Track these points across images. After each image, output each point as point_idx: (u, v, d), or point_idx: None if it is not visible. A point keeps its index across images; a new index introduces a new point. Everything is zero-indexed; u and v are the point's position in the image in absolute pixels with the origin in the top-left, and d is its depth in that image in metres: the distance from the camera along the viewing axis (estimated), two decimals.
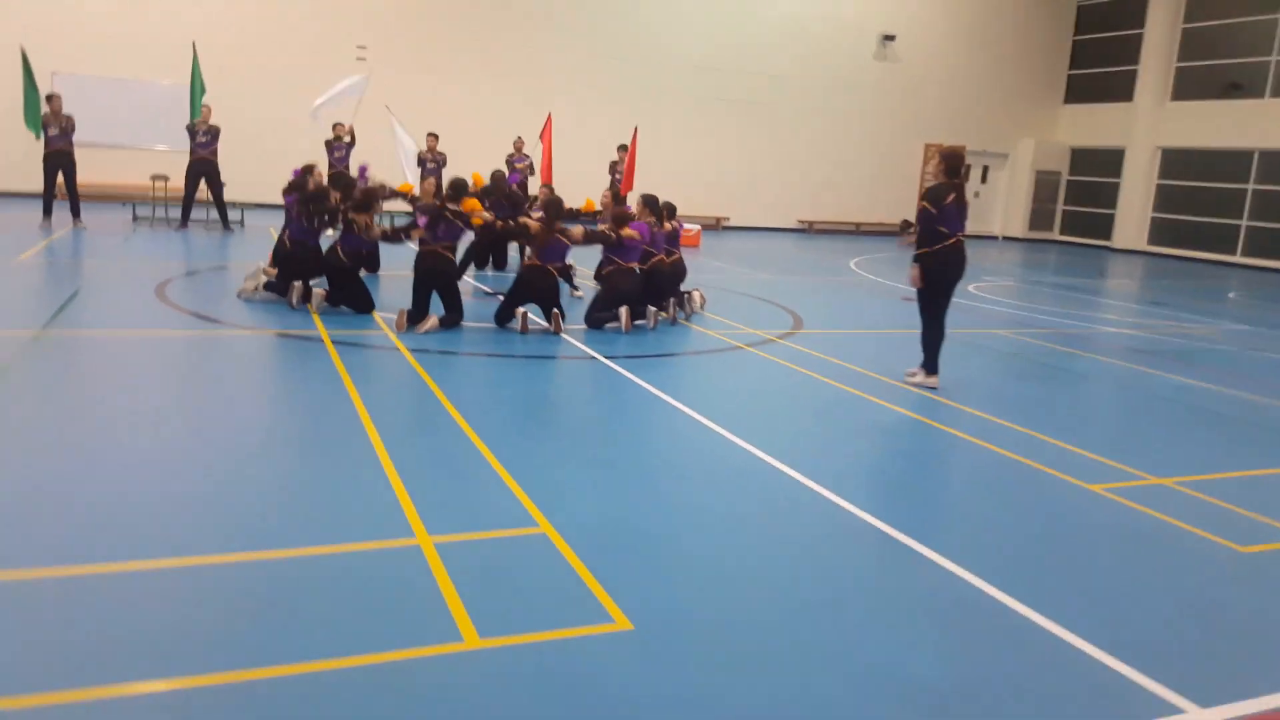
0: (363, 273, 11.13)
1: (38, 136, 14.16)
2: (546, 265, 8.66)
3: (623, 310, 8.76)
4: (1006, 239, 28.35)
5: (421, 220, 8.72)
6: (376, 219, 9.32)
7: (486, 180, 11.31)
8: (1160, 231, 26.03)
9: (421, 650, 3.21)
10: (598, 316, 8.95)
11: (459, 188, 8.71)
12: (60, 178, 14.16)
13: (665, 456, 5.56)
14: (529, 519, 4.40)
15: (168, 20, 18.66)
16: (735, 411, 6.52)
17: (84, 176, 14.99)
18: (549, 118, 16.76)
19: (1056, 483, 5.39)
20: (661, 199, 9.88)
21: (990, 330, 10.71)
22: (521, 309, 8.53)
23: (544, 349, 8.10)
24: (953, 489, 5.43)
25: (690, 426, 6.07)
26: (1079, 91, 28.35)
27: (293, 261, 9.23)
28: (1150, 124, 25.80)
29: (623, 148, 17.23)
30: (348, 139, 15.47)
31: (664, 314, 9.24)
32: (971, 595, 3.90)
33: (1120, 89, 26.85)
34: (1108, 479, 5.48)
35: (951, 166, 7.33)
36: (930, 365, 7.59)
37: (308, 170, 10.07)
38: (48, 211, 14.25)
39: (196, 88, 15.04)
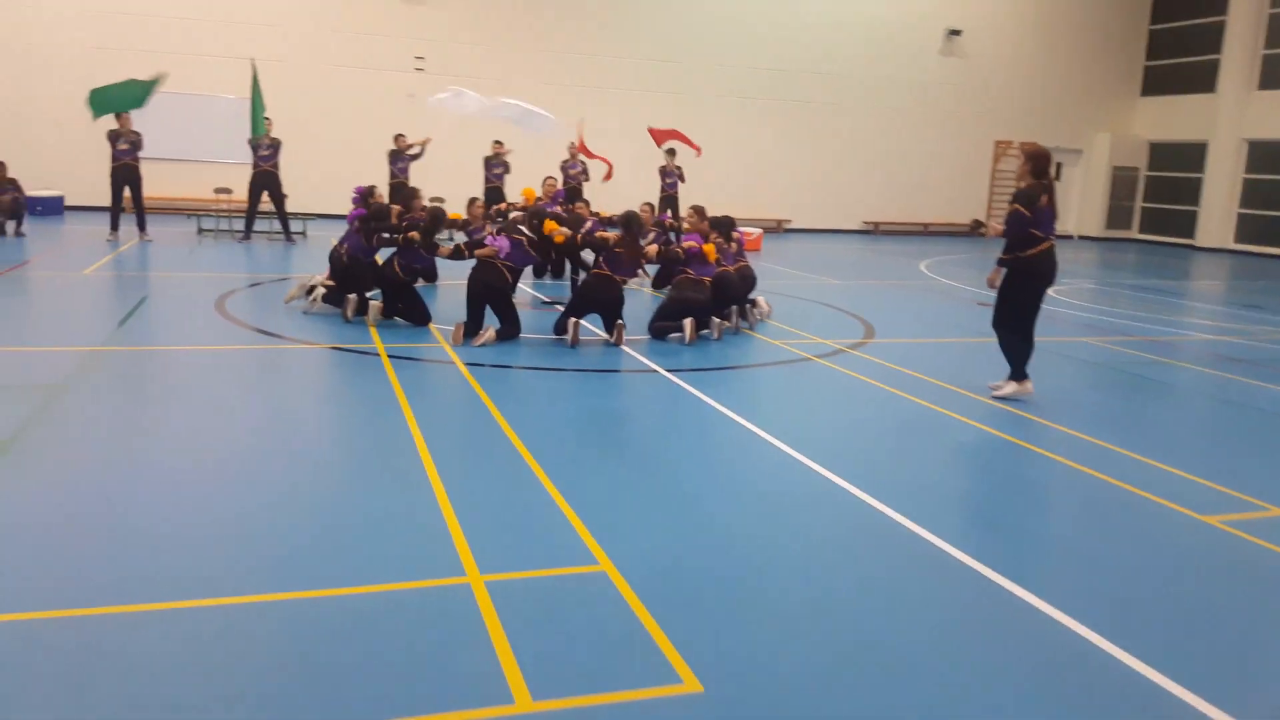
0: (420, 283, 11.01)
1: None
2: (614, 276, 8.37)
3: (687, 322, 8.41)
4: (1082, 238, 27.34)
5: (499, 242, 8.43)
6: (446, 237, 9.18)
7: (538, 192, 11.12)
8: (1248, 228, 24.82)
9: (469, 713, 2.89)
10: (660, 326, 8.62)
11: (538, 215, 8.63)
12: (127, 191, 14.29)
13: (735, 483, 5.19)
14: (588, 555, 4.07)
15: (231, 36, 18.86)
16: (808, 431, 6.13)
17: (150, 190, 15.16)
18: (580, 127, 16.01)
19: (1168, 515, 4.89)
20: (720, 204, 9.56)
21: (1073, 338, 10.12)
22: (576, 319, 8.23)
23: (604, 362, 7.80)
24: (1053, 522, 4.96)
25: (761, 448, 5.69)
26: (1157, 83, 27.20)
27: (349, 275, 9.08)
28: (1235, 115, 24.62)
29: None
30: (505, 158, 15.46)
31: (727, 323, 8.86)
32: (1092, 655, 3.45)
33: (1201, 79, 25.68)
34: (1224, 509, 4.97)
35: (1039, 166, 6.86)
36: (1018, 373, 7.10)
37: (370, 192, 9.89)
38: (115, 225, 14.43)
39: (257, 104, 15.06)
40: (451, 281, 11.66)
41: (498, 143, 15.78)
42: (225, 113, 18.54)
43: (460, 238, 9.41)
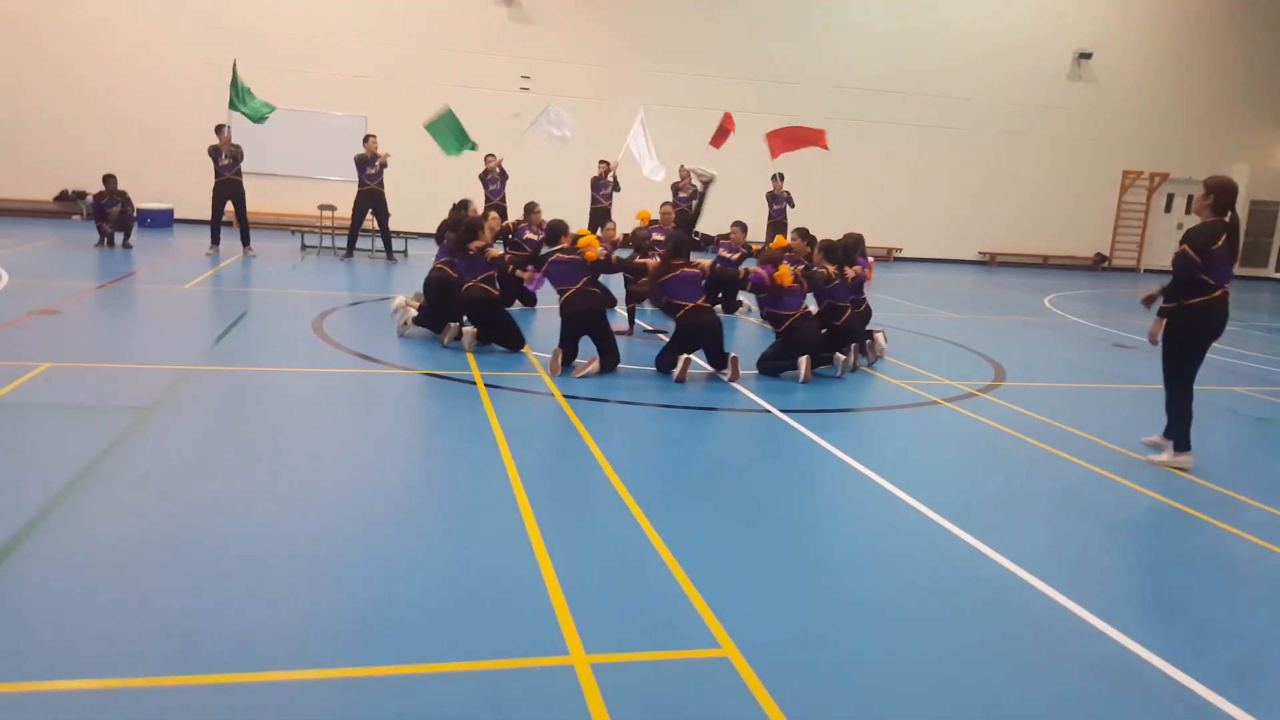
0: (518, 306, 10.62)
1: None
2: (699, 304, 7.82)
3: (803, 360, 7.77)
4: None
5: (533, 281, 8.26)
6: (493, 244, 8.78)
7: (654, 214, 10.56)
8: None
9: None
10: (774, 364, 8.00)
11: (557, 229, 8.17)
12: (230, 206, 14.37)
13: (871, 552, 4.54)
14: (708, 636, 3.49)
15: (336, 53, 19.04)
16: (950, 491, 5.42)
17: (254, 205, 15.26)
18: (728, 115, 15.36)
19: None
20: (825, 229, 8.89)
21: (1228, 387, 9.11)
22: (686, 356, 7.66)
23: (712, 398, 7.21)
24: (1258, 621, 4.16)
25: (898, 510, 5.02)
26: None
27: (444, 299, 8.73)
28: None
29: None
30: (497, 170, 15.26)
31: (847, 358, 8.17)
32: None
33: None
34: None
35: (1222, 201, 6.06)
36: (1181, 442, 6.23)
37: (462, 206, 9.61)
38: (216, 239, 14.49)
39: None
40: (550, 306, 11.26)
41: (604, 162, 15.49)
42: (333, 129, 18.74)
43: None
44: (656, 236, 10.98)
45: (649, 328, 10.16)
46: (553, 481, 5.28)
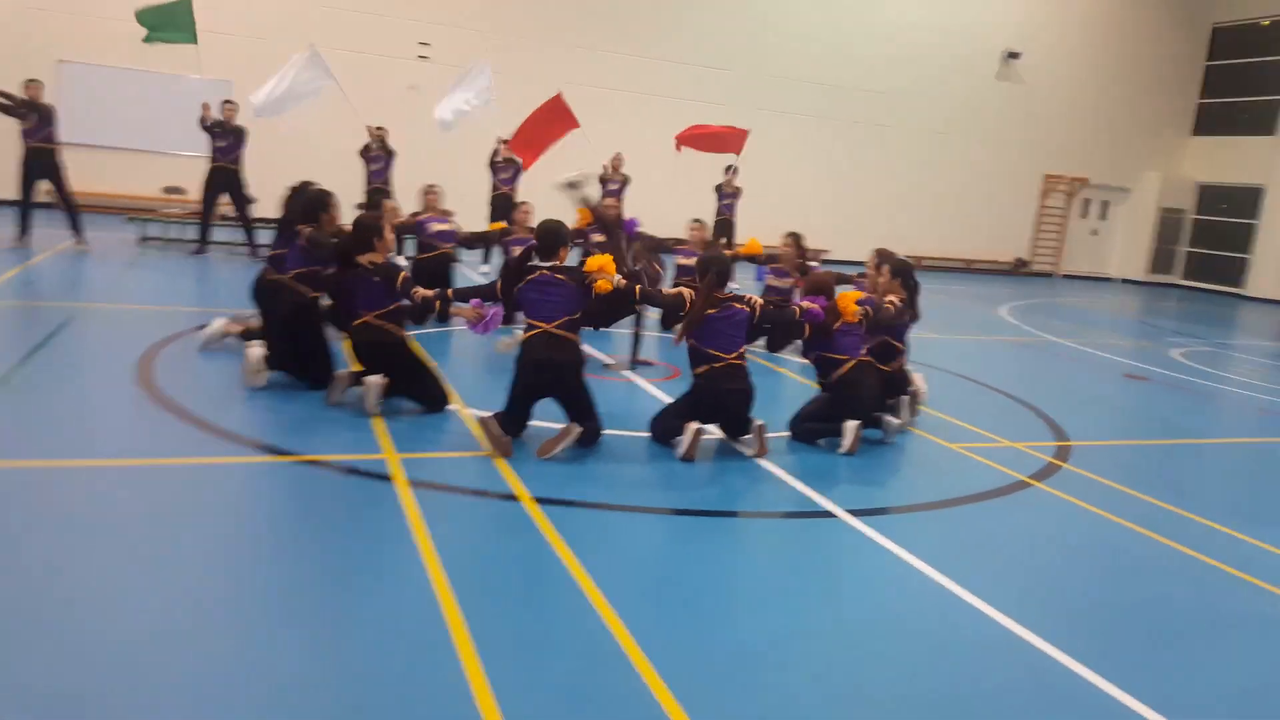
0: (416, 331, 8.26)
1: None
2: (734, 359, 5.58)
3: (850, 426, 5.72)
4: (1125, 281, 25.17)
5: (484, 321, 5.64)
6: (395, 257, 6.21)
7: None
8: None
9: None
10: (811, 428, 5.94)
11: (555, 238, 5.52)
12: (45, 184, 11.31)
13: None
14: None
15: (204, 9, 15.96)
16: (1115, 638, 3.49)
17: (84, 185, 12.21)
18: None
19: None
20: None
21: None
22: (696, 424, 5.46)
23: (738, 489, 5.10)
24: None
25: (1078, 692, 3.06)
26: (1210, 123, 25.17)
27: (291, 323, 6.33)
28: None
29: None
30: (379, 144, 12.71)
31: (898, 420, 6.14)
32: None
33: (1260, 121, 23.66)
34: None
35: None
36: None
37: (302, 189, 6.83)
38: (25, 227, 11.29)
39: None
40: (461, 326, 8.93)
41: (504, 142, 12.91)
42: (189, 96, 15.56)
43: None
44: (596, 237, 8.82)
45: (610, 361, 7.90)
46: (534, 670, 3.06)
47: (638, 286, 5.68)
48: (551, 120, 11.57)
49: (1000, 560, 4.41)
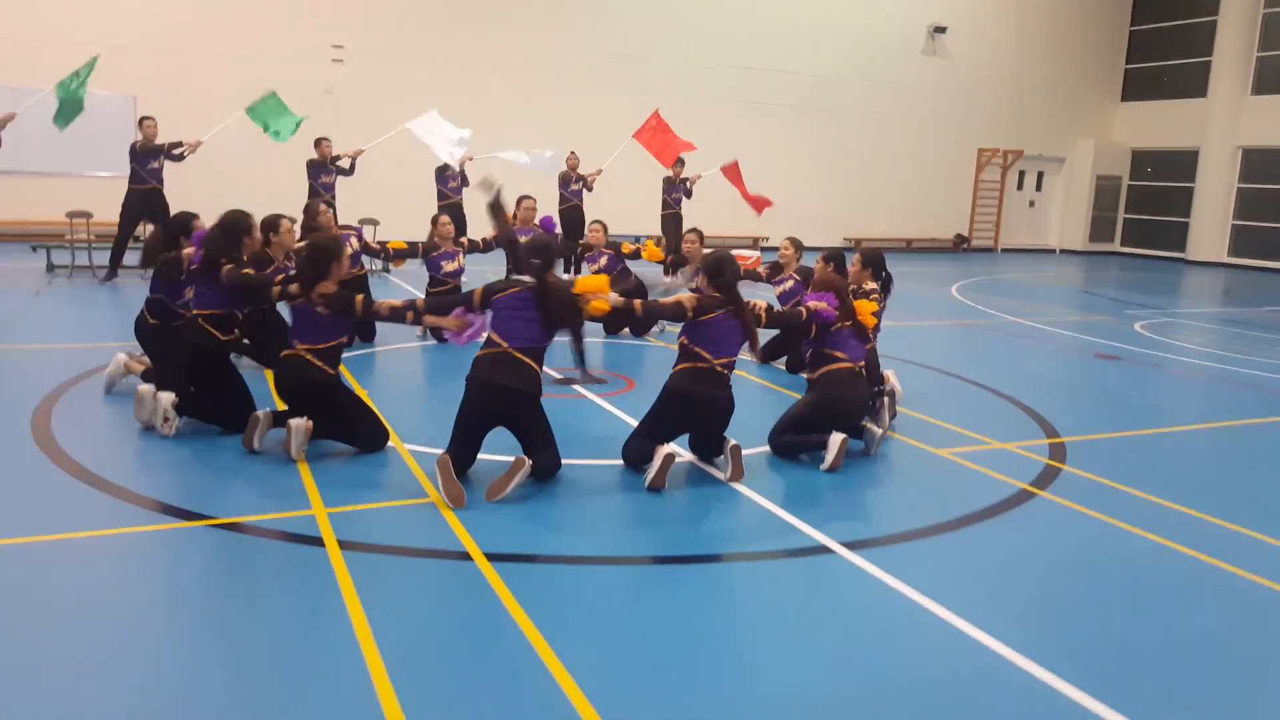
0: (350, 351, 7.64)
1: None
2: (721, 366, 5.06)
3: (836, 440, 5.22)
4: (1064, 252, 25.24)
5: (471, 319, 4.99)
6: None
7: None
8: (1243, 241, 22.95)
9: None
10: (792, 442, 5.43)
11: (548, 252, 4.96)
12: None
13: None
14: None
15: (92, 20, 14.95)
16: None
17: None
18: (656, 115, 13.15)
19: None
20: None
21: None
22: (668, 448, 4.92)
23: (713, 520, 4.59)
24: None
25: None
26: (1139, 88, 25.33)
27: (200, 367, 5.66)
28: (1228, 121, 22.73)
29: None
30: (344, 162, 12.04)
31: (878, 428, 5.64)
32: None
33: (1189, 84, 23.84)
34: None
35: None
36: None
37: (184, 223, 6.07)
38: None
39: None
40: (398, 346, 8.30)
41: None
42: (89, 114, 14.60)
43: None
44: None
45: (559, 377, 7.27)
46: None
47: (638, 301, 5.22)
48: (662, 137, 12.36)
49: (1025, 595, 3.94)
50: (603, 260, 9.16)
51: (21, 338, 8.08)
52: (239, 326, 5.78)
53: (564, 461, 4.96)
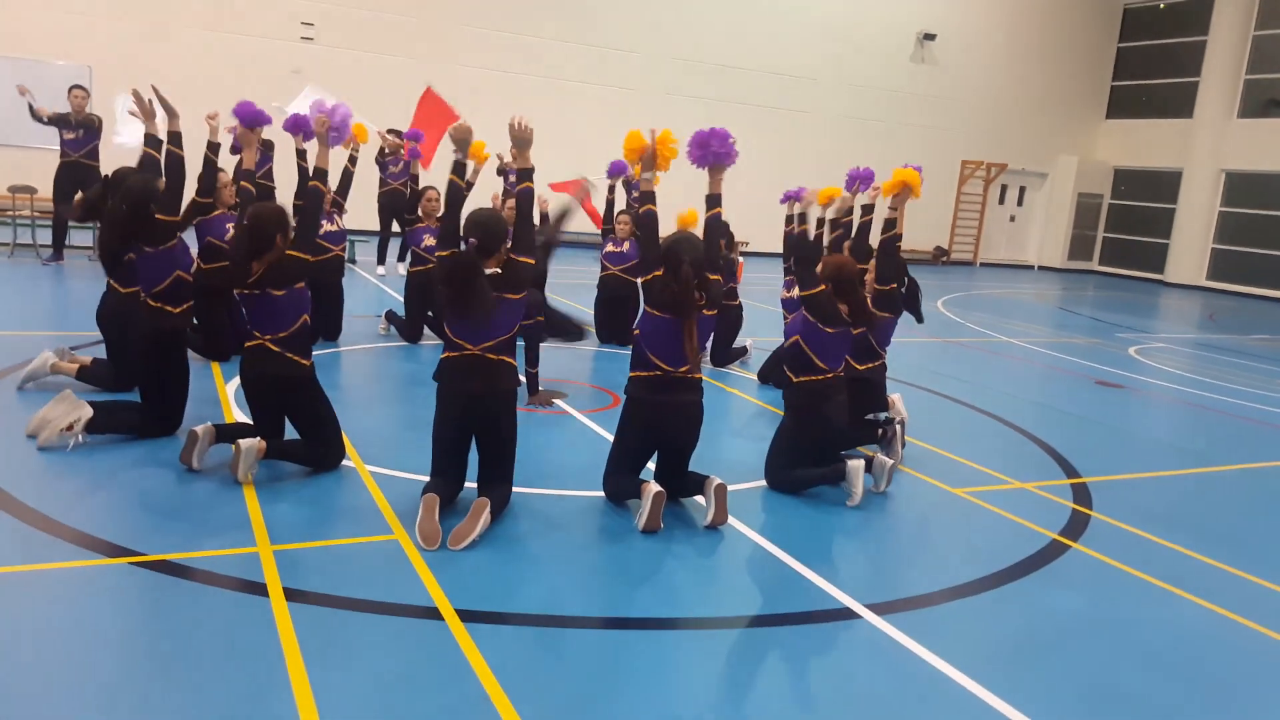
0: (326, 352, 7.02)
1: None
2: (680, 372, 4.39)
3: (856, 472, 4.67)
4: (1043, 269, 25.01)
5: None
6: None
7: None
8: (1221, 264, 22.82)
9: None
10: (797, 477, 4.89)
11: (494, 230, 4.20)
12: None
13: None
14: None
15: None
16: None
17: None
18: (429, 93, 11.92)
19: None
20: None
21: None
22: (656, 486, 4.25)
23: (715, 571, 4.04)
24: None
25: None
26: (1124, 106, 25.13)
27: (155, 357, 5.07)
28: (1213, 143, 22.55)
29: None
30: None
31: (888, 459, 5.09)
32: None
33: (1176, 104, 23.65)
34: None
35: None
36: None
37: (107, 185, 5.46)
38: None
39: None
40: (364, 346, 7.68)
41: (392, 132, 11.49)
42: (41, 83, 13.75)
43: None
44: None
45: (548, 399, 6.61)
46: None
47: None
48: (433, 115, 10.36)
49: (1081, 673, 3.42)
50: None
51: None
52: (190, 300, 5.16)
53: (549, 492, 4.38)
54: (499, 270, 4.16)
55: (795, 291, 7.25)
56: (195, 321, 6.46)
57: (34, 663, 2.94)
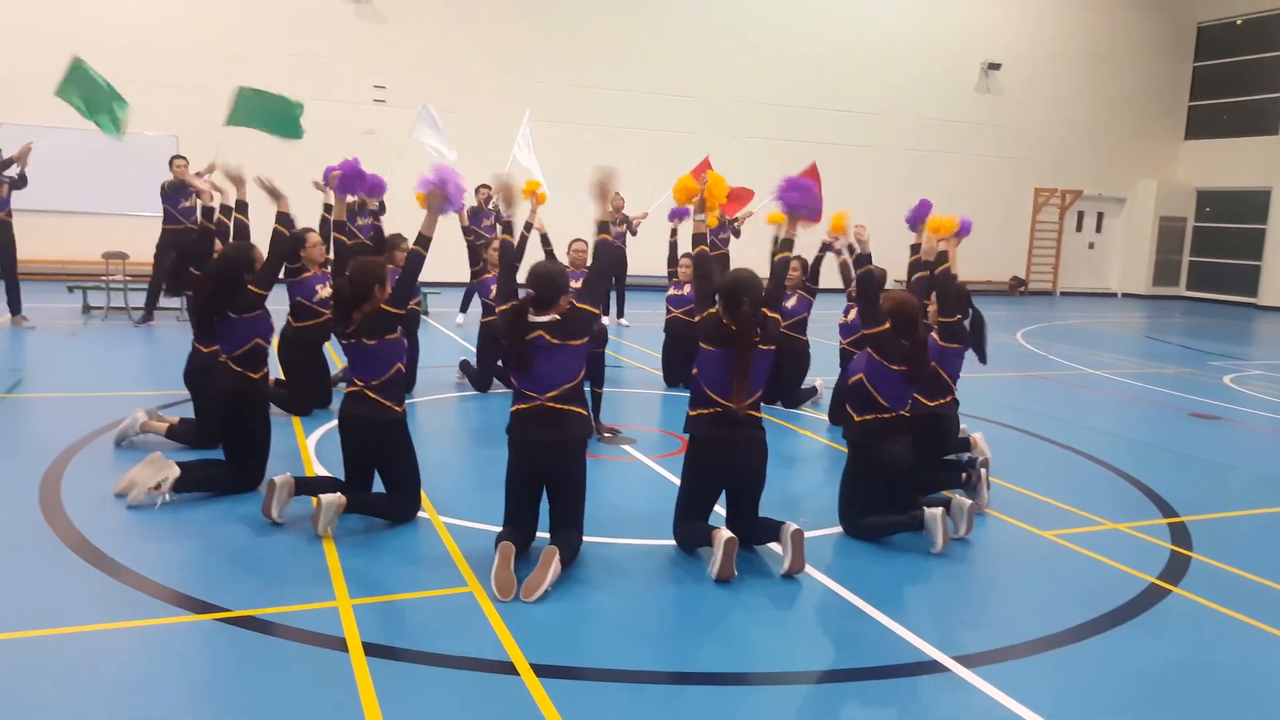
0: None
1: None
2: (747, 408, 4.35)
3: (936, 520, 4.56)
4: (1126, 296, 24.27)
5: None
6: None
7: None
8: None
9: None
10: (873, 524, 4.77)
11: (552, 282, 4.20)
12: None
13: None
14: None
15: (138, 59, 14.83)
16: None
17: (20, 251, 10.98)
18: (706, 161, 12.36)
19: None
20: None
21: None
22: (727, 533, 4.19)
23: (794, 624, 3.95)
24: None
25: None
26: (1203, 125, 24.39)
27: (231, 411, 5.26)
28: None
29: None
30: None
31: (972, 502, 4.94)
32: None
33: (1259, 121, 22.89)
34: None
35: None
36: None
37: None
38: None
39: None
40: (432, 397, 7.77)
41: (484, 188, 12.08)
42: (133, 153, 14.44)
43: None
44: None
45: (609, 429, 6.68)
46: None
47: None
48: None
49: None
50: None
51: (50, 385, 7.68)
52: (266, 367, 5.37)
53: (615, 541, 4.35)
54: (557, 317, 4.19)
55: (851, 316, 7.17)
56: (282, 376, 6.73)
57: (119, 718, 3.00)
